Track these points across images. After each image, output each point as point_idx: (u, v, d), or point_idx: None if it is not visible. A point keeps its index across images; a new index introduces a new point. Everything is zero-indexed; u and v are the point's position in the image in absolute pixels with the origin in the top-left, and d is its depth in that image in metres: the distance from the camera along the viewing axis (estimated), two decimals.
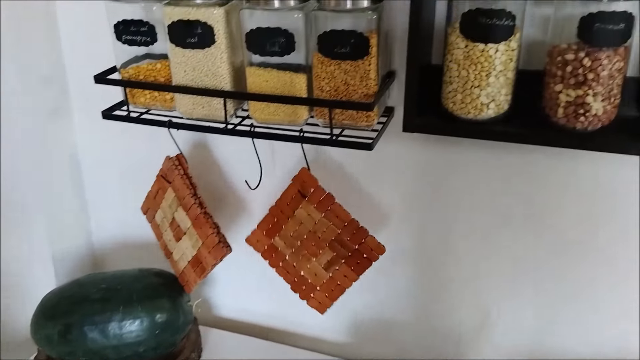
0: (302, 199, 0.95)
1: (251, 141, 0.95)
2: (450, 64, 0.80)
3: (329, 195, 0.94)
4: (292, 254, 0.99)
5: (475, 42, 0.76)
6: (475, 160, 0.95)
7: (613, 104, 0.76)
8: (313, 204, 0.95)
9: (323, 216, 0.94)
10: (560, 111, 0.76)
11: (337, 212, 0.94)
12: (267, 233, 1.00)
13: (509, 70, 0.78)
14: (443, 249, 1.04)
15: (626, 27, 0.70)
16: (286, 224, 0.98)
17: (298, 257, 0.99)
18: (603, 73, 0.72)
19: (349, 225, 0.94)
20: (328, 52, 0.82)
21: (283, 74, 0.86)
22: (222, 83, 0.89)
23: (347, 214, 0.94)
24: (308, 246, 0.97)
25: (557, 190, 0.93)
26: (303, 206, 0.95)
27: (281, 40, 0.83)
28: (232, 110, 0.92)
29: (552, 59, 0.76)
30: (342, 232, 0.94)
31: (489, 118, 0.81)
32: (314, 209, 0.95)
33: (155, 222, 1.10)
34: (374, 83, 0.83)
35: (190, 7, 0.84)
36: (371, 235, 0.94)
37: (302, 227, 0.97)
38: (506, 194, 0.96)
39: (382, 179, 1.03)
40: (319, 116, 0.88)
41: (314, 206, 0.95)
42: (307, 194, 0.95)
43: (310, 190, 0.94)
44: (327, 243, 0.96)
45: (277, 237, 0.99)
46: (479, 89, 0.78)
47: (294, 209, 0.96)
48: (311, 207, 0.95)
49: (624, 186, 0.89)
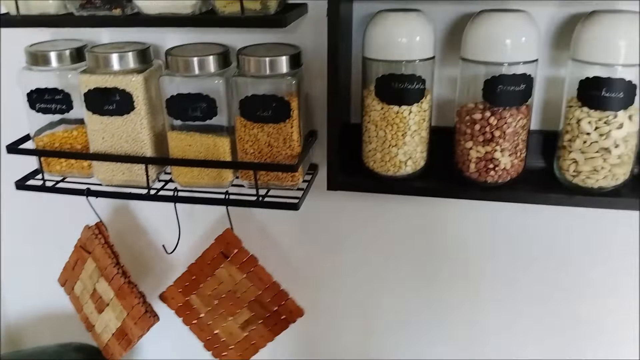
0: (224, 259, 0.95)
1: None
2: (369, 124, 0.83)
3: (252, 258, 0.94)
4: (208, 312, 0.99)
5: (390, 104, 0.79)
6: (396, 213, 0.99)
7: (520, 158, 0.81)
8: (235, 265, 0.94)
9: (245, 277, 0.95)
10: (472, 166, 0.81)
11: (259, 274, 0.94)
12: (184, 291, 0.98)
13: (423, 130, 0.82)
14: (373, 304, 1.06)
15: (526, 87, 0.76)
16: (205, 282, 0.97)
17: (214, 315, 0.99)
18: (508, 130, 0.78)
19: (270, 288, 0.95)
20: (250, 116, 0.83)
21: (206, 138, 0.86)
22: (143, 149, 0.87)
23: (269, 277, 0.94)
24: (226, 305, 0.97)
25: (468, 236, 0.98)
26: (225, 266, 0.95)
27: (202, 106, 0.84)
28: (154, 175, 0.91)
29: (461, 118, 0.81)
30: (263, 293, 0.95)
31: (408, 174, 0.84)
32: (236, 269, 0.94)
33: (74, 294, 1.04)
34: (297, 144, 0.85)
35: (108, 75, 0.84)
36: (291, 298, 0.95)
37: (222, 287, 0.96)
38: (431, 244, 1.00)
39: (307, 235, 1.04)
40: (244, 178, 0.89)
41: (236, 267, 0.94)
42: (230, 254, 0.94)
43: (234, 251, 0.94)
44: (246, 303, 0.96)
45: (193, 295, 0.98)
46: (396, 147, 0.82)
47: (214, 268, 0.95)
48: (233, 267, 0.94)
49: (533, 232, 0.96)
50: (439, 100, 0.88)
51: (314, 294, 1.08)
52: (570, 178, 0.80)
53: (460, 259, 1.00)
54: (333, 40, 0.76)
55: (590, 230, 0.94)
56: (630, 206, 0.79)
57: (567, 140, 0.79)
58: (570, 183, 0.80)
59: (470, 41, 0.77)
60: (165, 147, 0.89)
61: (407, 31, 0.77)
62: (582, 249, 0.95)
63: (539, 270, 0.98)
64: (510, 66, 0.75)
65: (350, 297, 1.08)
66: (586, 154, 0.77)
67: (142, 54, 0.86)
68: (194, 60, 0.82)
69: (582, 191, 0.80)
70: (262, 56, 0.81)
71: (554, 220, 0.94)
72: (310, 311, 0.98)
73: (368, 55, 0.80)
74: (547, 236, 0.96)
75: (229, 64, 0.86)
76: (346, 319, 1.10)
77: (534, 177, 0.85)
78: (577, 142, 0.77)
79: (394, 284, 1.05)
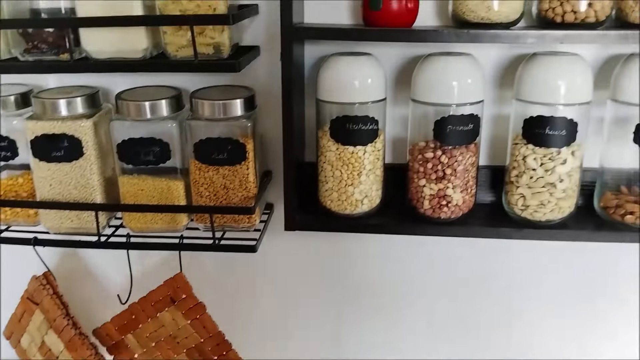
0: (171, 303, 0.92)
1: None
2: (325, 165, 0.84)
3: (201, 305, 0.92)
4: (143, 353, 0.96)
5: (345, 145, 0.81)
6: (351, 249, 1.00)
7: (470, 194, 0.84)
8: (181, 311, 0.92)
9: (189, 323, 0.93)
10: (426, 203, 0.83)
11: (205, 322, 0.93)
12: (120, 329, 0.95)
13: (377, 168, 0.84)
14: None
15: (474, 127, 0.79)
16: (145, 323, 0.94)
17: (148, 358, 0.96)
18: (459, 168, 0.80)
19: (213, 337, 0.94)
20: (205, 159, 0.82)
21: (159, 182, 0.84)
22: (93, 195, 0.85)
23: (215, 326, 0.93)
24: (163, 349, 0.95)
25: (423, 269, 1.00)
26: (169, 310, 0.92)
27: (156, 150, 0.82)
28: (104, 221, 0.88)
29: (414, 157, 0.83)
30: (205, 342, 0.94)
31: (364, 212, 0.85)
32: (181, 315, 0.92)
33: (21, 347, 0.99)
34: (254, 185, 0.84)
35: (55, 121, 0.81)
36: (233, 350, 0.95)
37: (163, 330, 0.94)
38: (389, 278, 1.01)
39: (264, 274, 1.03)
40: (199, 221, 0.87)
41: (182, 312, 0.92)
42: (178, 299, 0.92)
43: (182, 296, 0.91)
44: (185, 349, 0.95)
45: (130, 334, 0.95)
46: (352, 187, 0.83)
47: (158, 310, 0.93)
48: (179, 313, 0.92)
49: (485, 265, 0.98)
50: (391, 138, 0.90)
51: (272, 335, 1.07)
52: (519, 212, 0.83)
53: (417, 292, 1.02)
54: (287, 83, 0.77)
55: (546, 261, 0.98)
56: (577, 237, 0.82)
57: (514, 176, 0.82)
58: (519, 217, 0.83)
59: (419, 83, 0.80)
60: (116, 192, 0.87)
61: (359, 74, 0.79)
62: (541, 281, 0.99)
63: (492, 301, 1.01)
64: (458, 107, 0.78)
65: (308, 337, 1.08)
66: (533, 189, 0.81)
67: (90, 99, 0.84)
68: (145, 105, 0.81)
69: (530, 224, 0.83)
70: (216, 99, 0.81)
71: (505, 252, 0.97)
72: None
73: (322, 98, 0.81)
74: (498, 269, 0.99)
75: (182, 106, 0.86)
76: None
77: (485, 212, 0.88)
78: (524, 178, 0.81)
79: (353, 321, 1.05)
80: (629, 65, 0.78)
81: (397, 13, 0.76)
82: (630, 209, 0.80)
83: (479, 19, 0.74)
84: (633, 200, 0.81)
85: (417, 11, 0.78)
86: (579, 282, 0.98)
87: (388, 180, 0.87)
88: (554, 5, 0.73)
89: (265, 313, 1.06)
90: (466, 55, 0.79)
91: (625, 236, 0.81)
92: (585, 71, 0.77)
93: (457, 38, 0.73)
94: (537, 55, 0.78)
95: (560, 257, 0.96)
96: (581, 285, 0.98)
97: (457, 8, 0.76)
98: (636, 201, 0.80)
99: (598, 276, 0.97)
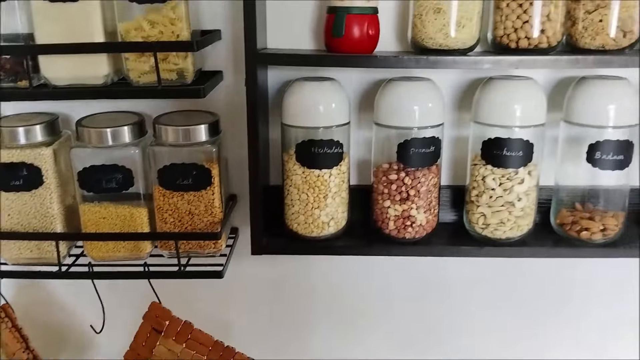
0: (158, 335, 0.89)
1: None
2: (291, 188, 0.84)
3: (187, 324, 0.89)
4: None
5: (311, 168, 0.81)
6: (318, 270, 1.01)
7: (433, 214, 0.86)
8: (171, 337, 0.89)
9: (185, 347, 0.90)
10: (391, 224, 0.84)
11: (198, 338, 0.89)
12: None
13: (343, 190, 0.85)
14: None
15: (436, 149, 0.82)
16: None
17: None
18: (422, 189, 0.82)
19: (214, 349, 0.90)
20: (169, 185, 0.82)
21: (122, 209, 0.83)
22: (53, 224, 0.83)
23: (210, 338, 0.90)
24: None
25: (389, 286, 1.02)
26: (161, 342, 0.89)
27: (118, 177, 0.81)
28: (65, 250, 0.86)
29: (378, 178, 0.84)
30: (209, 355, 0.90)
31: (331, 234, 0.86)
32: (173, 342, 0.89)
33: None
34: (219, 210, 0.84)
35: (14, 149, 0.79)
36: (239, 352, 0.91)
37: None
38: (355, 297, 1.02)
39: (231, 301, 1.03)
40: (163, 247, 0.86)
41: (172, 339, 0.89)
42: (162, 328, 0.89)
43: (165, 323, 0.89)
44: None
45: None
46: (319, 209, 0.84)
47: (151, 348, 0.90)
48: (170, 340, 0.89)
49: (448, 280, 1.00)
50: (355, 161, 0.92)
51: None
52: (480, 230, 0.85)
53: (383, 310, 1.03)
54: (253, 107, 0.78)
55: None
56: (536, 254, 0.85)
57: (474, 196, 0.85)
58: (480, 235, 0.86)
59: (381, 108, 0.82)
60: (77, 221, 0.85)
61: (323, 99, 0.80)
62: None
63: (459, 318, 1.03)
64: (420, 130, 0.80)
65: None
66: (493, 208, 0.83)
67: (50, 126, 0.82)
68: (107, 132, 0.80)
69: (491, 242, 0.85)
70: (180, 125, 0.81)
71: (466, 268, 1.00)
72: None
73: (287, 122, 0.82)
74: (461, 283, 1.01)
75: (145, 132, 0.85)
76: None
77: (447, 231, 0.90)
78: (484, 197, 0.83)
79: (321, 342, 1.05)
80: (580, 88, 0.81)
81: (359, 39, 0.78)
82: (585, 225, 0.83)
83: (437, 45, 0.77)
84: (587, 216, 0.84)
85: (378, 37, 0.80)
86: (531, 289, 1.02)
87: (353, 202, 0.89)
88: (508, 31, 0.76)
89: (234, 338, 1.04)
90: (426, 80, 0.82)
91: (582, 252, 0.84)
92: (539, 94, 0.80)
93: (417, 64, 0.76)
94: (493, 79, 0.81)
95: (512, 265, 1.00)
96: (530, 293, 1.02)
97: (416, 35, 0.78)
98: (591, 217, 0.84)
99: (542, 284, 1.01)
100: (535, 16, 0.75)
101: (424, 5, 0.76)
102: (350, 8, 0.77)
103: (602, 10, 0.75)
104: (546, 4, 0.74)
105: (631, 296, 1.00)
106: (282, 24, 0.85)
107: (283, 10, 0.85)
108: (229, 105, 0.90)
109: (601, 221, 0.83)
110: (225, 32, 0.86)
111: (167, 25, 0.74)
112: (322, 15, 0.84)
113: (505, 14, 0.76)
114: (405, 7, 0.83)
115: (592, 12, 0.76)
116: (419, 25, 0.77)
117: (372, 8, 0.78)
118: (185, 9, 0.75)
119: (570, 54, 0.76)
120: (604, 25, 0.76)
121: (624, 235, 0.85)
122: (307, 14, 0.85)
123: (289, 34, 0.86)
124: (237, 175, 0.94)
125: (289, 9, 0.85)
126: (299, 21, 0.86)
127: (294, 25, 0.86)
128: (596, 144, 0.80)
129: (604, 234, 0.83)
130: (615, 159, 0.80)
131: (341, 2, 0.77)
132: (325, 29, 0.80)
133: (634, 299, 1.00)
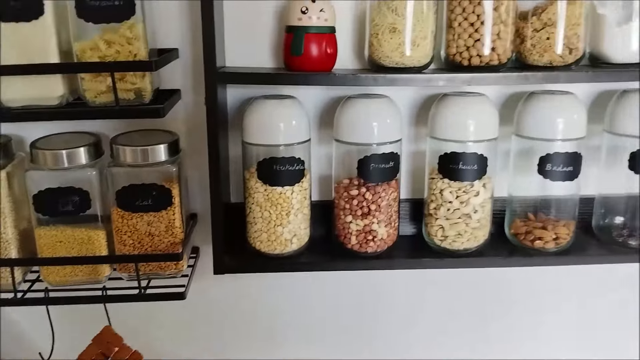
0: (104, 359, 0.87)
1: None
2: (253, 206, 0.84)
3: (136, 354, 0.88)
4: None
5: (273, 186, 0.82)
6: (281, 288, 1.01)
7: (394, 227, 0.87)
8: None
9: None
10: (353, 239, 0.85)
11: None
12: None
13: (305, 207, 0.86)
14: None
15: (395, 164, 0.83)
16: None
17: None
18: (383, 203, 0.84)
19: None
20: (128, 206, 0.80)
21: (79, 232, 0.81)
22: (8, 249, 0.80)
23: None
24: None
25: (356, 299, 1.02)
26: None
27: (75, 199, 0.79)
28: (20, 276, 0.83)
29: (339, 194, 0.85)
30: None
31: (294, 251, 0.86)
32: None
33: None
34: (180, 231, 0.83)
35: None
36: None
37: None
38: (323, 311, 1.03)
39: (194, 322, 1.01)
40: (122, 270, 0.84)
41: None
42: (110, 354, 0.87)
43: (114, 350, 0.87)
44: None
45: None
46: (281, 227, 0.84)
47: None
48: None
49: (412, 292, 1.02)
50: (317, 177, 0.93)
51: None
52: (439, 242, 0.87)
53: (350, 325, 1.04)
54: (213, 126, 0.78)
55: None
56: (493, 264, 0.88)
57: (432, 209, 0.87)
58: (438, 247, 0.88)
59: (341, 124, 0.83)
60: (32, 245, 0.82)
61: (283, 117, 0.81)
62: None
63: (430, 331, 1.05)
64: (379, 146, 0.82)
65: None
66: (450, 220, 0.85)
67: (3, 149, 0.80)
68: (62, 153, 0.78)
69: (449, 254, 0.87)
70: (138, 145, 0.80)
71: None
72: None
73: (248, 140, 0.82)
74: (428, 293, 1.03)
75: (101, 153, 0.83)
76: None
77: (408, 244, 0.91)
78: (441, 210, 0.85)
79: (285, 357, 1.05)
80: (529, 102, 0.85)
81: (318, 58, 0.79)
82: (539, 234, 0.86)
83: (393, 63, 0.79)
84: (540, 226, 0.87)
85: (336, 56, 0.82)
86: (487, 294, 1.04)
87: (315, 218, 0.89)
88: (461, 49, 0.79)
89: (199, 357, 1.03)
90: (384, 97, 0.83)
91: (536, 260, 0.88)
92: (491, 110, 0.84)
93: (375, 82, 0.77)
94: (447, 95, 0.84)
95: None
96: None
97: (373, 53, 0.80)
98: (543, 227, 0.87)
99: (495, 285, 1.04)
100: (486, 35, 0.78)
101: (380, 24, 0.78)
102: (308, 27, 0.78)
103: (549, 29, 0.79)
104: (496, 22, 0.78)
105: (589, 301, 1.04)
106: (241, 42, 0.86)
107: (241, 29, 0.85)
108: (187, 123, 0.89)
109: (553, 230, 0.87)
110: (183, 51, 0.86)
111: (124, 45, 0.73)
112: (281, 33, 0.85)
113: (457, 32, 0.79)
114: (362, 26, 0.85)
115: (539, 30, 0.80)
116: (375, 44, 0.79)
117: (329, 27, 0.79)
118: (142, 28, 0.74)
119: (519, 70, 0.80)
120: (551, 43, 0.79)
121: (575, 243, 0.89)
122: (266, 33, 0.86)
123: (247, 51, 0.86)
124: (197, 193, 0.93)
125: (247, 27, 0.85)
126: (258, 39, 0.86)
127: (253, 44, 0.86)
128: (546, 156, 0.84)
129: (556, 243, 0.87)
130: (565, 170, 0.84)
131: (299, 21, 0.78)
132: (285, 48, 0.80)
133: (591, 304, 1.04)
